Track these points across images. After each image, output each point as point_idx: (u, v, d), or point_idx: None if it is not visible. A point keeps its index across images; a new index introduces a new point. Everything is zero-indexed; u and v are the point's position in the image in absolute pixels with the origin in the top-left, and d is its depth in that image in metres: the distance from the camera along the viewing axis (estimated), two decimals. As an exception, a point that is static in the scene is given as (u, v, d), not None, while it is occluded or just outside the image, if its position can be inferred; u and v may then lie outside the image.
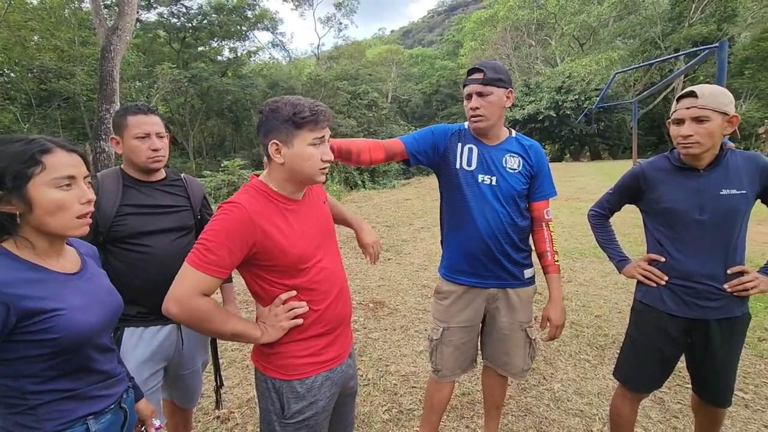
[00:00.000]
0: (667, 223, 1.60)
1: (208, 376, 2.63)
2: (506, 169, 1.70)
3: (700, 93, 1.46)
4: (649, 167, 1.66)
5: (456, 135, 1.77)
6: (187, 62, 23.07)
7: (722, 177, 1.52)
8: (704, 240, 1.53)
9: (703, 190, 1.52)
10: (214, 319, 1.14)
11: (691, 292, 1.55)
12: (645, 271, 1.66)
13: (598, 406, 2.41)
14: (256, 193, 1.21)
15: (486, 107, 1.63)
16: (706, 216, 1.51)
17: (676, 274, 1.58)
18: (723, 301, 1.53)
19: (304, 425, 1.25)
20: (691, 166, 1.56)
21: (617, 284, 4.54)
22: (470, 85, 1.65)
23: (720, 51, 4.60)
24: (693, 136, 1.47)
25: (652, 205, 1.64)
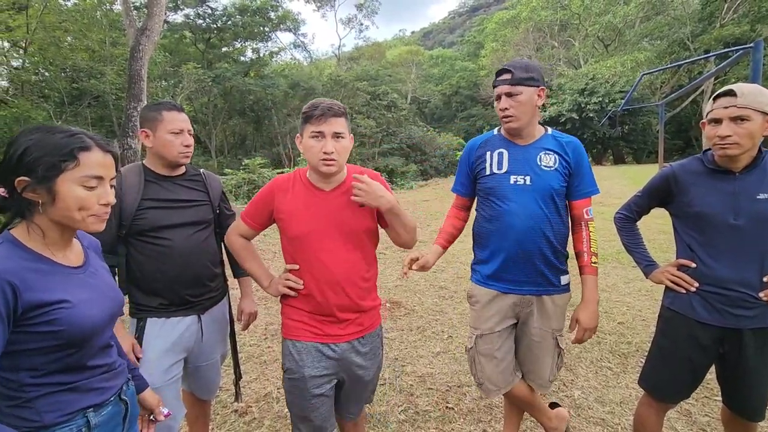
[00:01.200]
0: (698, 228, 1.54)
1: (227, 370, 2.68)
2: (541, 167, 1.65)
3: (739, 92, 1.40)
4: (681, 169, 1.59)
5: (483, 146, 1.78)
6: (212, 62, 23.55)
7: (759, 180, 1.45)
8: (738, 246, 1.46)
9: (739, 194, 1.46)
10: (241, 254, 1.59)
11: (723, 300, 1.49)
12: (674, 276, 1.60)
13: (620, 416, 2.34)
14: (294, 174, 1.52)
15: (516, 107, 1.61)
16: (742, 221, 1.45)
17: (708, 280, 1.52)
18: (758, 310, 1.46)
19: (294, 385, 1.45)
20: (726, 169, 1.50)
21: (641, 291, 4.41)
22: (499, 85, 1.64)
23: (755, 52, 4.43)
24: (732, 136, 1.41)
25: (683, 209, 1.58)
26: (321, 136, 1.36)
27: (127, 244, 1.57)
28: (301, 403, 1.45)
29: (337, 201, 1.45)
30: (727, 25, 28.43)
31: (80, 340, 0.96)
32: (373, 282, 1.57)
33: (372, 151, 21.95)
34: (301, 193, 1.46)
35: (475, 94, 39.76)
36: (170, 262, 1.57)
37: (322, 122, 1.35)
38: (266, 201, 1.49)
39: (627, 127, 31.36)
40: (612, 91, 29.14)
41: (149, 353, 1.55)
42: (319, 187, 1.46)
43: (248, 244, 1.59)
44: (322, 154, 1.36)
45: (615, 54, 34.87)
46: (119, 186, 1.53)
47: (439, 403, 2.51)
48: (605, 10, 34.90)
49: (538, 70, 1.63)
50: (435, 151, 25.31)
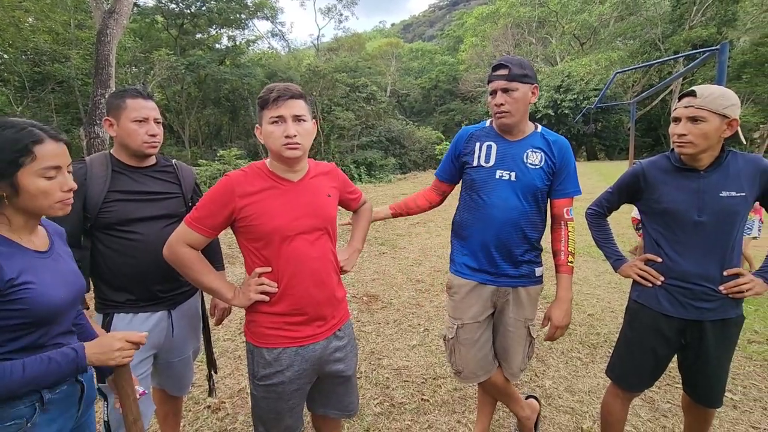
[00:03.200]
0: (665, 224, 1.59)
1: (200, 365, 2.62)
2: (526, 165, 1.68)
3: (699, 93, 1.45)
4: (650, 166, 1.64)
5: (473, 137, 1.78)
6: (185, 49, 22.76)
7: (722, 179, 1.50)
8: (702, 241, 1.52)
9: (703, 192, 1.51)
10: (194, 267, 1.34)
11: (687, 293, 1.55)
12: (641, 270, 1.65)
13: (588, 404, 2.42)
14: (250, 168, 1.39)
15: (511, 103, 1.62)
16: (705, 217, 1.50)
17: (673, 274, 1.57)
18: (718, 303, 1.53)
19: (271, 390, 1.38)
20: (692, 167, 1.55)
21: (610, 284, 4.57)
22: (495, 81, 1.63)
23: (720, 54, 4.60)
24: (687, 135, 1.47)
25: (651, 205, 1.63)
26: (281, 121, 1.29)
27: (93, 237, 1.50)
28: (278, 407, 1.40)
29: (307, 191, 1.41)
30: (696, 27, 29.53)
31: (43, 320, 1.01)
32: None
33: (351, 144, 21.81)
34: (265, 186, 1.34)
35: (455, 89, 39.95)
36: (140, 257, 1.51)
37: (280, 105, 1.29)
38: (224, 202, 1.30)
39: (600, 124, 32.25)
40: (586, 88, 29.87)
41: None
42: (286, 177, 1.38)
43: (200, 255, 1.36)
44: (284, 138, 1.28)
45: (590, 52, 35.70)
46: (84, 176, 1.46)
47: (415, 395, 2.53)
48: (581, 9, 35.62)
49: (531, 68, 1.65)
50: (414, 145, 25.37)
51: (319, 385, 1.50)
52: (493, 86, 1.64)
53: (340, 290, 1.52)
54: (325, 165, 1.55)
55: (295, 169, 1.39)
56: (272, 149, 1.33)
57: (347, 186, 1.63)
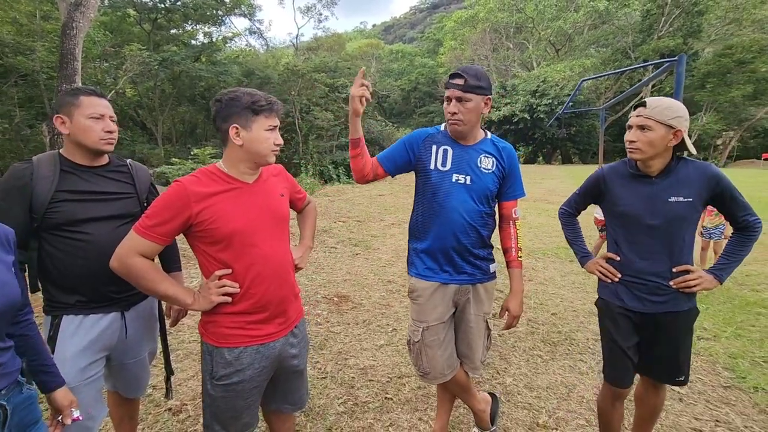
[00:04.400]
0: (622, 225, 1.73)
1: (161, 368, 2.58)
2: (480, 169, 1.77)
3: (649, 104, 1.58)
4: (610, 171, 1.77)
5: (430, 139, 1.82)
6: (159, 44, 22.20)
7: (672, 185, 1.62)
8: (653, 242, 1.65)
9: (654, 197, 1.63)
10: (147, 277, 1.31)
11: (642, 288, 1.68)
12: (602, 268, 1.79)
13: (545, 399, 2.51)
14: (202, 173, 1.39)
15: (464, 113, 1.68)
16: (657, 221, 1.62)
17: (629, 271, 1.71)
18: (669, 297, 1.65)
19: (231, 389, 1.39)
20: (644, 173, 1.67)
21: (575, 284, 4.72)
22: (451, 89, 1.69)
23: (678, 65, 4.81)
24: (636, 142, 1.60)
25: (611, 207, 1.76)
26: (275, 130, 1.41)
27: (39, 238, 1.47)
28: (238, 405, 1.42)
29: (263, 191, 1.46)
30: (664, 37, 30.77)
31: None
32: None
33: (329, 144, 21.70)
34: (221, 189, 1.36)
35: (434, 91, 40.37)
36: (90, 258, 1.49)
37: (276, 116, 1.41)
38: (179, 208, 1.29)
39: (574, 129, 33.17)
40: (561, 93, 30.68)
41: (64, 352, 1.46)
42: (243, 180, 1.42)
43: (153, 264, 1.35)
44: (275, 146, 1.40)
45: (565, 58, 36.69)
46: (30, 176, 1.43)
47: (379, 394, 2.56)
48: (557, 16, 36.58)
49: (487, 80, 1.71)
50: (393, 146, 25.41)
51: (272, 380, 1.53)
52: (449, 94, 1.71)
53: (297, 287, 1.58)
54: (274, 167, 1.59)
55: (255, 171, 1.45)
56: (261, 153, 1.39)
57: (295, 186, 1.71)
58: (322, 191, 13.62)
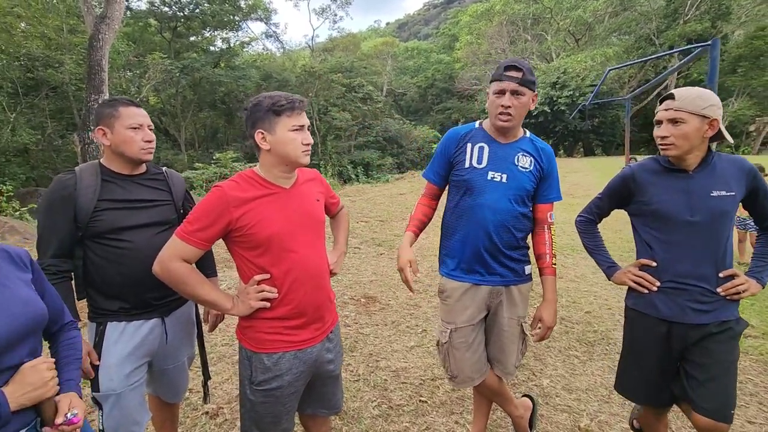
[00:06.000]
0: (657, 225, 1.57)
1: (196, 371, 2.61)
2: (518, 167, 1.70)
3: (678, 95, 1.46)
4: (639, 169, 1.63)
5: (465, 137, 1.77)
6: (179, 52, 22.75)
7: (711, 178, 1.50)
8: (695, 242, 1.50)
9: (693, 192, 1.51)
10: (189, 281, 1.33)
11: (683, 295, 1.51)
12: (636, 277, 1.62)
13: (586, 402, 2.43)
14: (241, 178, 1.39)
15: (517, 107, 1.62)
16: (698, 217, 1.49)
17: (668, 276, 1.54)
18: (716, 305, 1.49)
19: (270, 394, 1.39)
20: (680, 168, 1.54)
21: (607, 281, 4.57)
22: (506, 81, 1.60)
23: (712, 49, 4.60)
24: (668, 137, 1.48)
25: (642, 207, 1.61)
26: (302, 129, 1.37)
27: (84, 246, 1.50)
28: (277, 410, 1.42)
29: (300, 196, 1.45)
30: (690, 21, 29.59)
31: None
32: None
33: (348, 144, 21.80)
34: (260, 194, 1.37)
35: (451, 87, 39.96)
36: (131, 265, 1.51)
37: (302, 116, 1.38)
38: (220, 212, 1.30)
39: (597, 120, 32.32)
40: (582, 84, 29.90)
41: (109, 358, 1.49)
42: (280, 184, 1.42)
43: (194, 268, 1.37)
44: (303, 145, 1.37)
45: (585, 48, 35.76)
46: (74, 186, 1.46)
47: (413, 396, 2.53)
48: (576, 5, 35.67)
49: (535, 75, 1.66)
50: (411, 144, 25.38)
51: (308, 385, 1.53)
52: (503, 86, 1.61)
53: (332, 292, 1.57)
54: (309, 172, 1.59)
55: (291, 175, 1.44)
56: (290, 155, 1.36)
57: (330, 191, 1.70)
58: (342, 191, 13.66)
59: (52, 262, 1.43)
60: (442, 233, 1.90)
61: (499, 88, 1.63)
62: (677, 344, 1.55)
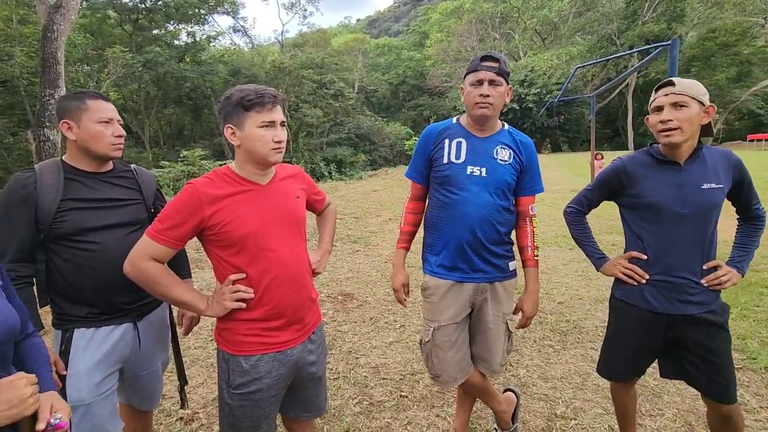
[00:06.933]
0: (649, 218, 1.58)
1: (169, 376, 2.52)
2: (497, 161, 1.68)
3: (677, 82, 1.48)
4: (631, 162, 1.62)
5: (442, 133, 1.75)
6: (141, 46, 21.79)
7: (702, 171, 1.51)
8: (685, 234, 1.52)
9: (685, 184, 1.51)
10: (161, 282, 1.28)
11: (671, 287, 1.54)
12: (626, 269, 1.63)
13: (561, 390, 2.50)
14: (215, 174, 1.34)
15: (496, 97, 1.61)
16: (688, 210, 1.50)
17: (657, 269, 1.56)
18: (702, 296, 1.53)
19: (248, 398, 1.35)
20: (672, 160, 1.54)
21: (577, 272, 4.73)
22: (483, 71, 1.59)
23: (672, 49, 4.82)
24: (673, 120, 1.45)
25: (634, 200, 1.61)
26: (272, 126, 1.30)
27: (46, 249, 1.41)
28: (256, 414, 1.37)
29: (277, 193, 1.40)
30: (648, 23, 30.98)
31: None
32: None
33: (320, 141, 21.59)
34: (234, 191, 1.31)
35: (422, 84, 40.24)
36: (100, 268, 1.43)
37: (273, 111, 1.30)
38: (191, 211, 1.25)
39: (563, 117, 33.35)
40: (549, 82, 30.79)
41: (78, 367, 1.40)
42: (256, 181, 1.36)
43: (166, 268, 1.31)
44: (274, 143, 1.30)
45: (551, 47, 36.80)
46: (33, 186, 1.36)
47: (394, 392, 2.53)
48: (542, 5, 36.62)
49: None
50: (383, 141, 25.40)
51: (290, 388, 1.48)
52: (480, 76, 1.60)
53: (314, 291, 1.52)
54: (291, 167, 1.54)
55: (266, 172, 1.39)
56: (259, 153, 1.30)
57: (313, 188, 1.64)
58: (315, 189, 13.52)
59: (12, 267, 1.33)
60: (425, 230, 1.88)
61: (476, 78, 1.61)
62: (665, 333, 1.59)
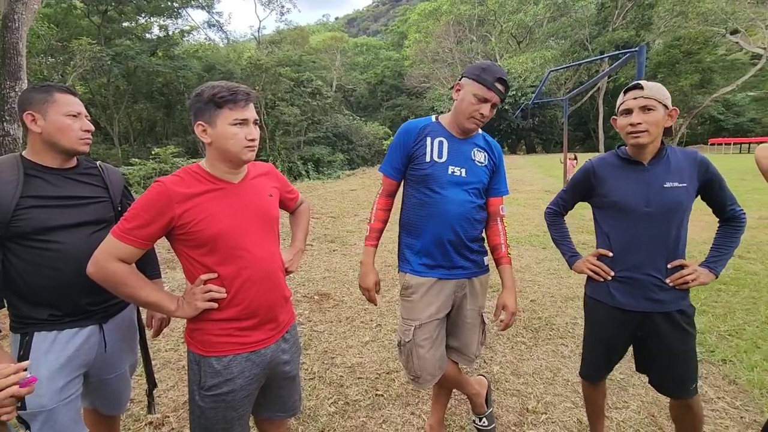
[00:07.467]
0: (616, 217, 1.63)
1: (138, 379, 2.45)
2: (475, 162, 1.75)
3: (645, 85, 1.54)
4: (599, 163, 1.70)
5: (423, 130, 1.78)
6: (110, 38, 21.00)
7: (665, 170, 1.56)
8: (650, 232, 1.56)
9: (649, 183, 1.56)
10: (128, 283, 1.24)
11: (637, 284, 1.59)
12: (593, 266, 1.69)
13: (532, 385, 2.57)
14: (185, 172, 1.31)
15: (489, 117, 1.70)
16: (653, 208, 1.55)
17: (624, 266, 1.61)
18: (668, 294, 1.57)
19: (221, 399, 1.32)
20: (637, 160, 1.60)
21: (549, 270, 4.86)
22: (494, 93, 1.66)
23: (639, 55, 5.01)
24: (642, 124, 1.51)
25: (602, 200, 1.67)
26: (245, 123, 1.29)
27: (4, 248, 1.34)
28: (228, 416, 1.35)
29: (249, 192, 1.38)
30: (618, 29, 32.08)
31: None
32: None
33: (297, 140, 21.35)
34: (205, 190, 1.29)
35: (400, 84, 40.39)
36: (63, 268, 1.37)
37: (246, 108, 1.29)
38: (160, 209, 1.22)
39: (537, 119, 34.15)
40: (524, 85, 31.45)
41: (38, 372, 1.34)
42: (227, 179, 1.34)
43: (133, 269, 1.27)
44: (247, 141, 1.29)
45: (527, 50, 37.58)
46: None
47: (369, 391, 2.54)
48: (518, 9, 37.36)
49: None
50: (362, 140, 25.35)
51: (264, 388, 1.47)
52: (489, 97, 1.65)
53: (288, 290, 1.51)
54: (263, 165, 1.52)
55: (238, 171, 1.37)
56: (231, 151, 1.28)
57: (286, 186, 1.62)
58: (292, 188, 13.37)
59: None
60: (401, 230, 1.89)
61: (484, 96, 1.65)
62: (633, 331, 1.64)
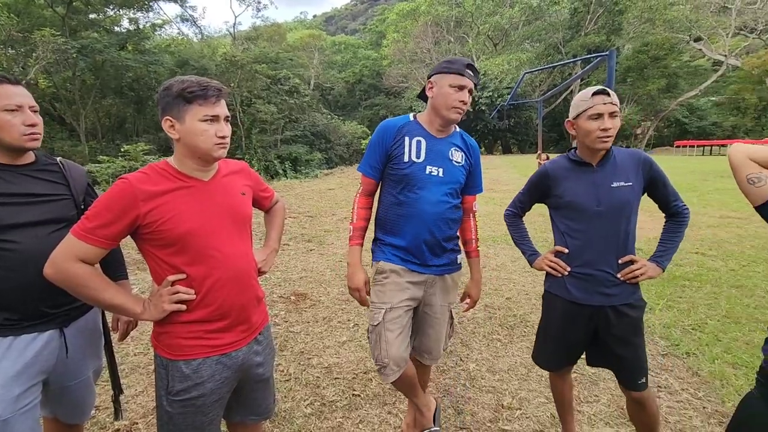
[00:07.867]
0: (570, 216, 1.71)
1: (104, 386, 2.35)
2: (452, 162, 1.77)
3: (610, 92, 1.60)
4: (553, 166, 1.78)
5: (401, 129, 1.77)
6: (76, 30, 20.08)
7: (612, 171, 1.66)
8: (601, 230, 1.65)
9: (598, 184, 1.65)
10: (89, 285, 1.18)
11: (591, 280, 1.67)
12: (551, 262, 1.77)
13: (508, 382, 2.60)
14: (151, 169, 1.26)
15: (467, 105, 1.71)
16: (603, 207, 1.63)
17: (579, 263, 1.69)
18: (619, 289, 1.65)
19: (190, 404, 1.28)
20: (587, 162, 1.69)
21: (524, 269, 4.95)
22: (468, 79, 1.68)
23: (609, 59, 5.16)
24: (611, 129, 1.58)
25: (557, 200, 1.75)
26: (215, 120, 1.25)
27: None
28: (198, 421, 1.31)
29: (220, 190, 1.34)
30: (590, 34, 33.03)
31: None
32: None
33: (274, 139, 21.04)
34: (173, 187, 1.24)
35: (379, 84, 40.34)
36: (18, 269, 1.30)
37: (216, 105, 1.25)
38: (124, 207, 1.16)
39: (513, 120, 34.81)
40: (500, 86, 31.99)
41: None
42: (196, 177, 1.30)
43: (95, 270, 1.22)
44: (217, 138, 1.25)
45: (503, 52, 38.22)
46: None
47: (346, 391, 2.52)
48: (494, 11, 37.95)
49: None
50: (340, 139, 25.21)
51: (236, 391, 1.43)
52: (465, 83, 1.66)
53: (261, 290, 1.47)
54: (235, 163, 1.48)
55: (208, 168, 1.33)
56: (200, 148, 1.24)
57: (260, 184, 1.58)
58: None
59: None
60: (377, 226, 1.89)
61: (459, 83, 1.66)
62: (588, 323, 1.72)
